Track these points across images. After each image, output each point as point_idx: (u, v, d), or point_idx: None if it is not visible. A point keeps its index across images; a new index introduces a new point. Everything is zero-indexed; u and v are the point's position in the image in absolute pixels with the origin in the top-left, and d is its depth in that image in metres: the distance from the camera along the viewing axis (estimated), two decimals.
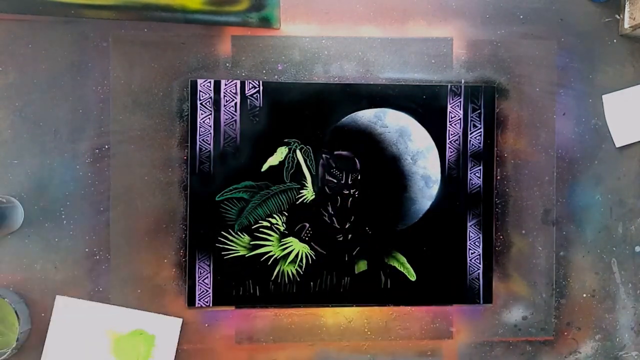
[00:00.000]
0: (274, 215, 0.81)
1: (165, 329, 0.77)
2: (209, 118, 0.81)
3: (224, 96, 0.80)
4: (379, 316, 0.84)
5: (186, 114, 0.81)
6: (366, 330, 0.84)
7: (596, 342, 0.87)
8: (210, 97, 0.80)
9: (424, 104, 0.82)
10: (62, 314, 0.75)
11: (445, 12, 0.83)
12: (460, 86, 0.83)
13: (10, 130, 0.78)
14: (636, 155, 0.86)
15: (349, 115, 0.82)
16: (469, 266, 0.84)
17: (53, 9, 0.76)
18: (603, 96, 0.86)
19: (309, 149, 0.81)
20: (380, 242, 0.84)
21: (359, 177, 0.82)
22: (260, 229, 0.81)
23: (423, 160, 0.83)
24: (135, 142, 0.81)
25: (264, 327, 0.83)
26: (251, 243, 0.81)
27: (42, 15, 0.78)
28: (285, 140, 0.81)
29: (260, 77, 0.82)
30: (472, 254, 0.84)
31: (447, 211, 0.84)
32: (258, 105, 0.81)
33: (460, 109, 0.83)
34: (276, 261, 0.82)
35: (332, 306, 0.83)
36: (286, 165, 0.81)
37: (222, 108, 0.81)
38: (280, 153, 0.81)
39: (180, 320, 0.78)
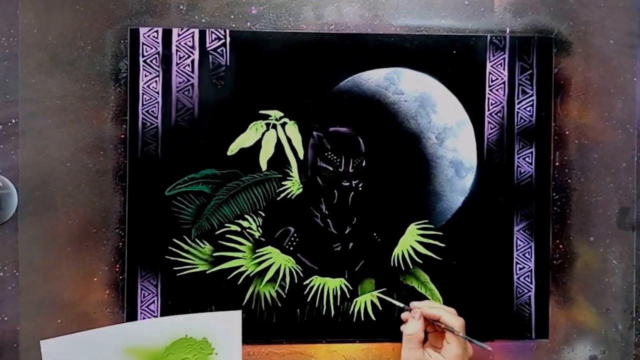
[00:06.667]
0: (246, 217, 0.74)
1: (219, 328, 0.71)
2: (156, 82, 0.72)
3: (177, 51, 0.72)
4: (391, 356, 0.76)
5: (124, 75, 0.73)
6: None
7: None
8: (158, 53, 0.72)
9: (454, 61, 0.75)
10: None
11: None
12: (505, 37, 0.75)
13: None
14: None
15: (349, 78, 0.74)
16: (517, 287, 0.76)
17: None
18: None
19: (294, 124, 0.73)
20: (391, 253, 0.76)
21: (363, 163, 0.75)
22: (227, 236, 0.73)
23: (452, 140, 0.75)
24: (54, 114, 0.72)
25: None
26: (214, 255, 0.73)
27: None
28: (262, 112, 0.73)
29: (226, 24, 0.74)
30: (520, 269, 0.76)
31: (486, 210, 0.76)
32: (224, 63, 0.73)
33: (504, 69, 0.75)
34: (249, 280, 0.74)
35: (326, 342, 0.75)
36: (263, 147, 0.73)
37: (174, 68, 0.72)
38: (255, 130, 0.73)
39: (239, 312, 0.71)
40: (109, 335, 0.68)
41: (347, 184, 0.74)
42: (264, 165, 0.72)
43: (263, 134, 0.73)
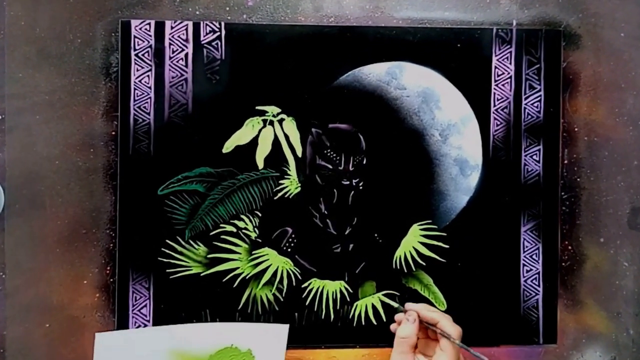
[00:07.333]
0: (242, 217, 0.73)
1: (265, 340, 0.72)
2: (148, 76, 0.72)
3: (170, 45, 0.72)
4: None
5: (115, 69, 0.72)
6: None
7: None
8: (150, 46, 0.72)
9: (459, 55, 0.75)
10: (107, 355, 0.69)
11: None
12: (511, 30, 0.75)
13: None
14: None
15: (349, 73, 0.74)
16: (524, 289, 0.76)
17: None
18: None
19: (292, 120, 0.74)
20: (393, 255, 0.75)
21: (363, 161, 0.75)
22: (222, 237, 0.73)
23: (457, 137, 0.75)
24: (42, 110, 0.72)
25: None
26: (209, 256, 0.73)
27: None
28: (258, 108, 0.73)
29: (222, 16, 0.73)
30: (527, 272, 0.76)
31: (492, 210, 0.76)
32: (219, 57, 0.72)
33: (511, 63, 0.75)
34: (245, 282, 0.73)
35: (325, 347, 0.75)
36: (259, 145, 0.73)
37: (167, 62, 0.72)
38: (251, 127, 0.73)
39: (287, 326, 0.72)
40: (160, 336, 0.70)
41: (347, 182, 0.73)
42: (260, 164, 0.72)
43: (260, 131, 0.72)
